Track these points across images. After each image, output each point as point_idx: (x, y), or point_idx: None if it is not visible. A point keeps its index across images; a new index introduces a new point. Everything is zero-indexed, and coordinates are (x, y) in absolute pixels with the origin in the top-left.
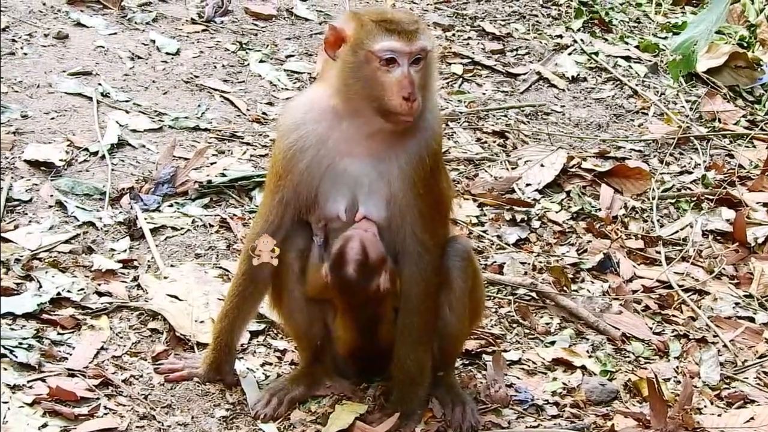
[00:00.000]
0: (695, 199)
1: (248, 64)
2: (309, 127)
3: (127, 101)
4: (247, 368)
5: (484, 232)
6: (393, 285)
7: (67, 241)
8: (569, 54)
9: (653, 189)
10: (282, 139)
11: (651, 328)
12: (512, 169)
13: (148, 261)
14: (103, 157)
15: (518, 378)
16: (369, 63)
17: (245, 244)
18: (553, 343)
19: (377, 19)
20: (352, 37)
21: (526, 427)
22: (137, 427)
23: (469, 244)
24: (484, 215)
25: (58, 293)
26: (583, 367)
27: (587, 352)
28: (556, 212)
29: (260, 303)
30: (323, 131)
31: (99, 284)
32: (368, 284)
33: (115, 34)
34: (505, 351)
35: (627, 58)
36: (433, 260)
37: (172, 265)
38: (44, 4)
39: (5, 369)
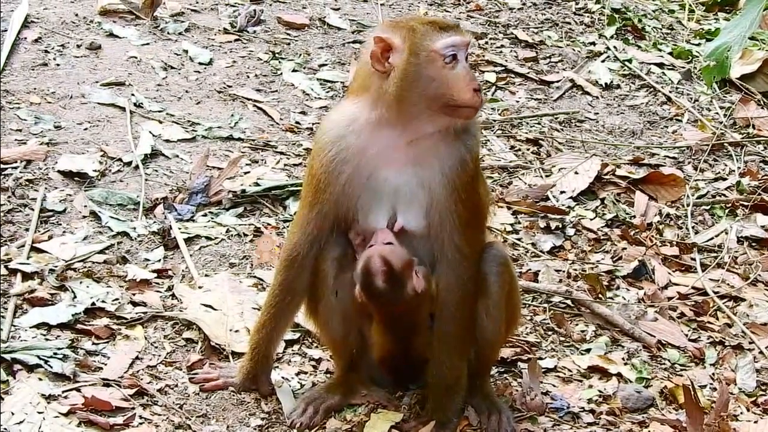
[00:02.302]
0: (730, 205)
1: (281, 74)
2: (350, 139)
3: (160, 111)
4: (282, 377)
5: (519, 239)
6: (428, 284)
7: (101, 252)
8: (602, 61)
9: (688, 196)
10: (321, 152)
11: (686, 335)
12: (546, 176)
13: (183, 271)
14: (137, 167)
15: (554, 386)
16: (433, 62)
17: (281, 255)
18: (588, 350)
19: (427, 21)
20: (407, 43)
21: None
22: None
23: (505, 249)
24: (519, 223)
25: (93, 303)
26: (619, 375)
27: (623, 359)
28: (591, 219)
29: (297, 313)
30: (363, 143)
31: (133, 294)
32: (401, 291)
33: (148, 44)
34: (541, 359)
35: (660, 65)
36: (471, 267)
37: (206, 275)
38: (77, 15)
39: (40, 379)
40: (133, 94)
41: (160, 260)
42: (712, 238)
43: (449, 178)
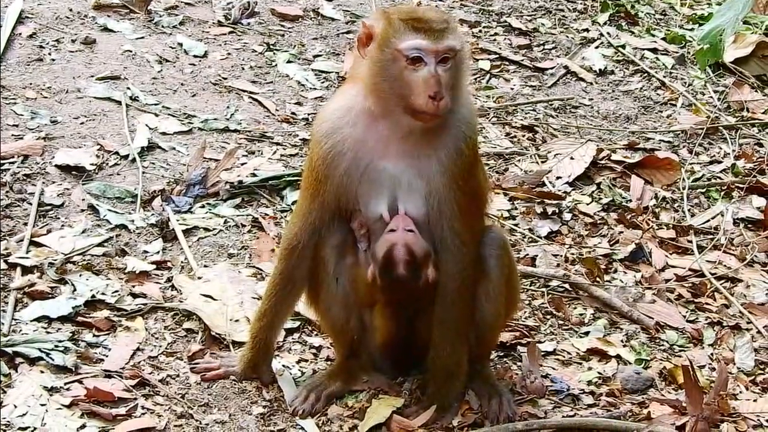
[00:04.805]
0: (725, 188)
1: (276, 65)
2: (346, 130)
3: (156, 104)
4: (283, 365)
5: (516, 225)
6: (438, 273)
7: (100, 245)
8: (596, 47)
9: (683, 179)
10: (319, 144)
11: (684, 317)
12: (542, 162)
13: (182, 262)
14: (134, 160)
15: (553, 368)
16: (396, 61)
17: (281, 244)
18: (587, 333)
19: (406, 17)
20: (380, 35)
21: (563, 417)
22: (175, 426)
23: (504, 233)
24: (516, 209)
25: (93, 296)
26: (618, 357)
27: (622, 341)
28: (587, 204)
29: (297, 302)
30: (360, 134)
31: (133, 286)
32: (417, 280)
33: (143, 38)
34: (540, 342)
35: (654, 50)
36: (471, 253)
37: (205, 266)
38: (71, 10)
39: (42, 372)
40: (128, 88)
41: (158, 252)
42: (708, 221)
43: (447, 167)
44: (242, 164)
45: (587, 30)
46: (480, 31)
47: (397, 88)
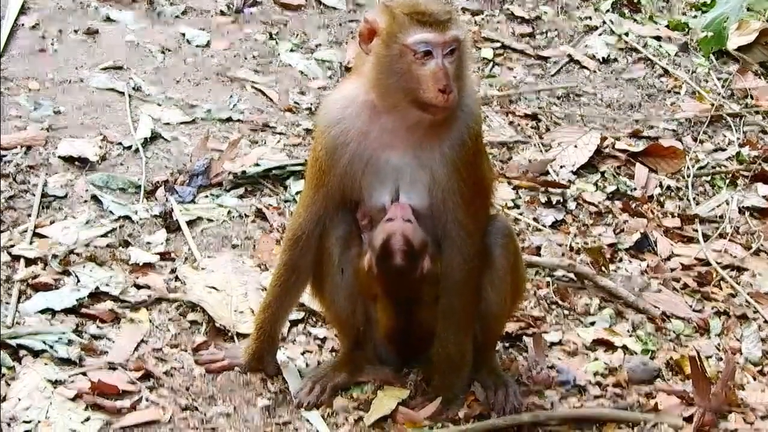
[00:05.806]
0: (730, 176)
1: (278, 54)
2: (349, 122)
3: (158, 94)
4: (288, 357)
5: (520, 214)
6: (434, 265)
7: (103, 236)
8: (599, 35)
9: (688, 167)
10: (323, 135)
11: (691, 306)
12: (546, 151)
13: (185, 253)
14: (137, 150)
15: (559, 359)
16: (403, 56)
17: (285, 235)
18: (593, 323)
19: (409, 11)
20: (384, 31)
21: (570, 408)
22: (180, 418)
23: (509, 221)
24: (520, 198)
25: (97, 287)
26: (624, 347)
27: (628, 331)
28: (592, 193)
29: (302, 292)
30: (363, 125)
31: (137, 277)
32: (414, 270)
33: (145, 28)
34: (546, 333)
35: (657, 38)
36: (475, 244)
37: (209, 257)
38: (73, 1)
39: (46, 364)
40: (131, 78)
41: (162, 243)
42: (713, 209)
43: (450, 158)
44: (245, 154)
45: (590, 18)
46: (483, 19)
47: (405, 83)
